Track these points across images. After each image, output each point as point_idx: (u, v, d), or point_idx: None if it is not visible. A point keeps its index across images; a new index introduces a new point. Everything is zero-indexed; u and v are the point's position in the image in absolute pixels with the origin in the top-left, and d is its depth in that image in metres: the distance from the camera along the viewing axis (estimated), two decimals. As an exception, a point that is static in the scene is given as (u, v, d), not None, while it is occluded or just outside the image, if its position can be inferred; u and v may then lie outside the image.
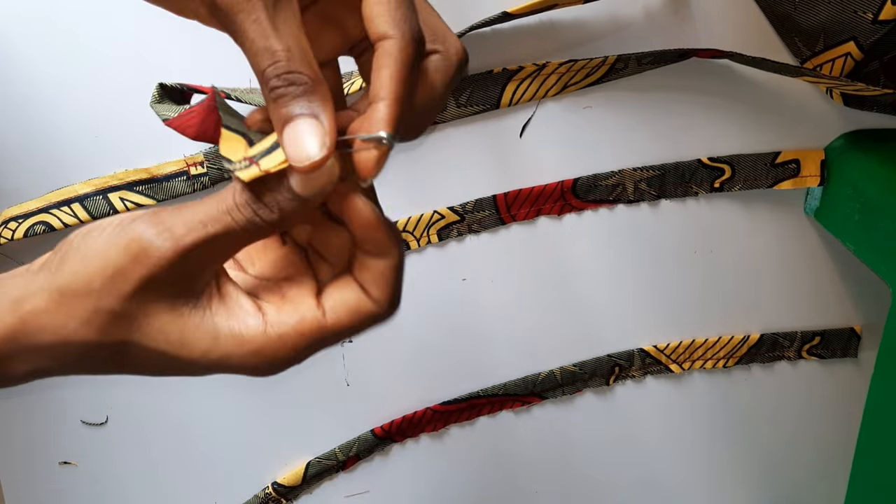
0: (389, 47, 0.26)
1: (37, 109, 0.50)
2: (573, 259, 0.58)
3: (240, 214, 0.26)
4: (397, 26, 0.27)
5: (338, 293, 0.29)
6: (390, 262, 0.29)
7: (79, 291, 0.26)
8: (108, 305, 0.26)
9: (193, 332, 0.27)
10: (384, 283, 0.29)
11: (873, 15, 0.46)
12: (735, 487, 0.67)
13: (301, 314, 0.28)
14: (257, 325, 0.27)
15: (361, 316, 0.29)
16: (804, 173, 0.55)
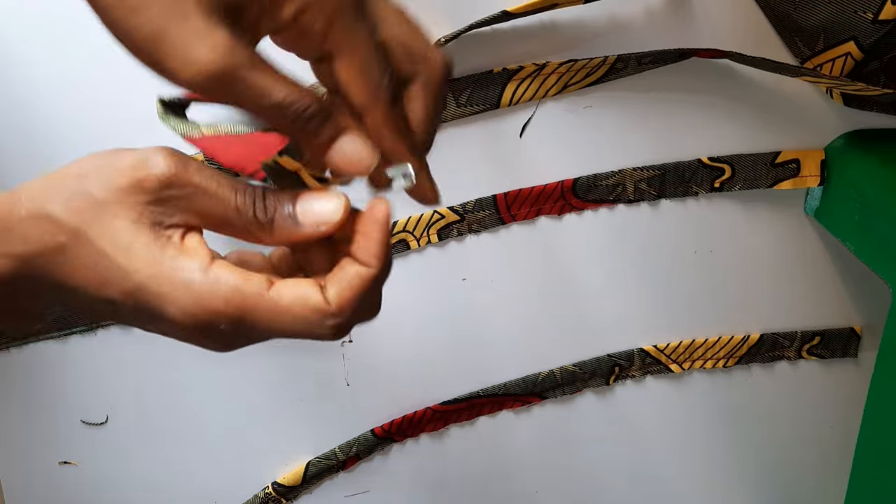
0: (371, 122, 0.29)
1: (37, 109, 0.50)
2: (573, 259, 0.58)
3: (241, 199, 0.27)
4: (371, 98, 0.28)
5: (291, 281, 0.28)
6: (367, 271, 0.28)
7: (75, 173, 0.27)
8: (92, 190, 0.26)
9: (141, 245, 0.26)
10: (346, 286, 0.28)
11: (873, 15, 0.46)
12: (735, 487, 0.67)
13: (245, 276, 0.27)
14: (196, 266, 0.27)
15: (304, 306, 0.27)
16: (804, 173, 0.55)
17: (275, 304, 0.27)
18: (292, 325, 0.27)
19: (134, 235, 0.26)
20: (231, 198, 0.27)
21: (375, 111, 0.29)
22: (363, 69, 0.28)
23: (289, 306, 0.27)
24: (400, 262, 0.57)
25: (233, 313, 0.26)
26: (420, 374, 0.60)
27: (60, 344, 0.56)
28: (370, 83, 0.28)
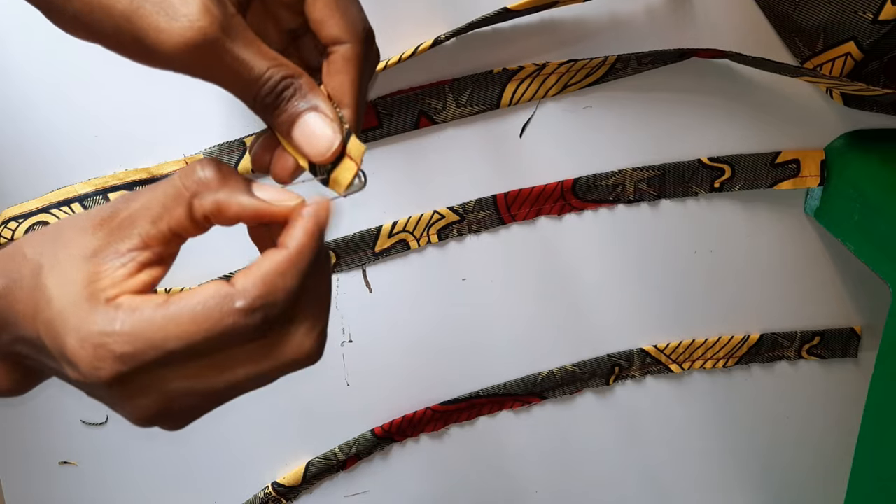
0: (346, 53, 0.27)
1: (37, 109, 0.50)
2: (573, 259, 0.58)
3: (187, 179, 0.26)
4: (351, 30, 0.27)
5: (200, 286, 0.26)
6: (282, 253, 0.25)
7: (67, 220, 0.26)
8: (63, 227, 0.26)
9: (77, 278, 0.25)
10: (255, 269, 0.25)
11: (873, 15, 0.46)
12: (735, 487, 0.67)
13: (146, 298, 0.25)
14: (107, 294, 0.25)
15: (203, 297, 0.24)
16: (804, 173, 0.55)
17: (171, 316, 0.24)
18: (197, 332, 0.24)
19: (75, 270, 0.25)
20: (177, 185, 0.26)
21: (349, 42, 0.27)
22: (344, 4, 0.27)
23: (186, 310, 0.24)
24: (400, 262, 0.57)
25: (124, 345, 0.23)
26: (420, 374, 0.60)
27: (60, 344, 0.56)
28: (349, 11, 0.27)
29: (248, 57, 0.25)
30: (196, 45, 0.24)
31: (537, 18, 0.51)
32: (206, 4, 0.24)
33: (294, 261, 0.25)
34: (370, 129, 0.53)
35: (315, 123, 0.26)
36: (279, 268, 0.25)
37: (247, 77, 0.25)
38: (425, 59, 0.52)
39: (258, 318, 0.25)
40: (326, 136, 0.27)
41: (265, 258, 0.25)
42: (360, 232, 0.55)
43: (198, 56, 0.24)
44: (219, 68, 0.25)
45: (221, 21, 0.24)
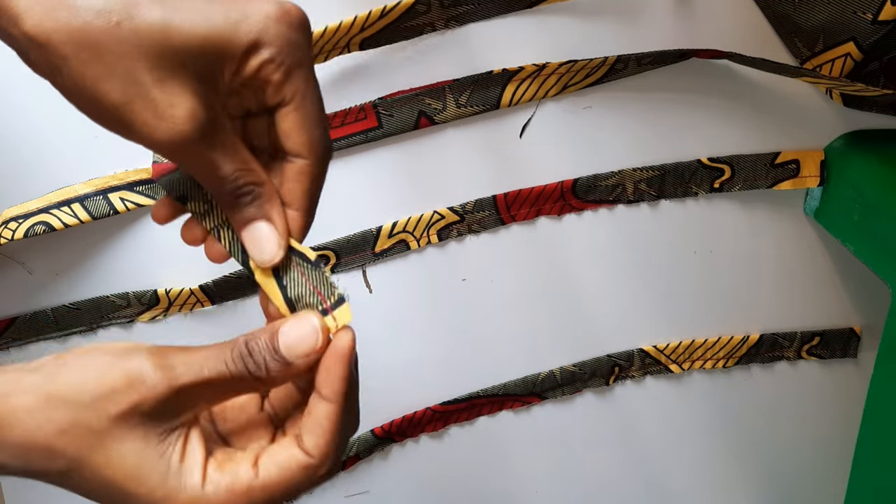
0: (303, 167, 0.29)
1: (37, 109, 0.50)
2: (573, 259, 0.58)
3: (234, 366, 0.28)
4: (312, 149, 0.29)
5: (273, 450, 0.29)
6: (331, 408, 0.29)
7: (67, 400, 0.26)
8: (89, 420, 0.26)
9: (149, 466, 0.27)
10: (320, 432, 0.29)
11: (873, 15, 0.46)
12: (735, 487, 0.67)
13: (234, 474, 0.28)
14: (196, 479, 0.27)
15: (292, 471, 0.28)
16: (804, 173, 0.55)
17: (267, 486, 0.28)
18: (290, 492, 0.28)
19: (139, 459, 0.27)
20: (224, 371, 0.28)
21: (309, 160, 0.29)
22: (308, 118, 0.29)
23: (279, 480, 0.28)
24: (400, 262, 0.57)
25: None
26: (420, 374, 0.60)
27: (60, 344, 0.56)
28: (313, 133, 0.29)
29: (220, 159, 0.27)
30: (176, 144, 0.26)
31: (537, 19, 0.51)
32: (194, 109, 0.26)
33: (343, 410, 0.29)
34: (370, 130, 0.53)
35: (263, 233, 0.29)
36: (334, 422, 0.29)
37: (215, 175, 0.28)
38: (425, 59, 0.52)
39: (332, 473, 0.29)
40: (271, 247, 0.29)
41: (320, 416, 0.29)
42: (360, 232, 0.55)
43: (177, 152, 0.26)
44: (193, 163, 0.27)
45: (203, 126, 0.26)
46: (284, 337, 0.29)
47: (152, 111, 0.25)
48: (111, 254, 0.54)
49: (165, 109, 0.25)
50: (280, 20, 0.27)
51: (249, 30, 0.27)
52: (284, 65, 0.27)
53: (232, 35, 0.26)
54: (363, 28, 0.49)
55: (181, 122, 0.26)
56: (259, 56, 0.27)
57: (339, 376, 0.29)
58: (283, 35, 0.27)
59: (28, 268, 0.54)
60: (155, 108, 0.25)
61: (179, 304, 0.55)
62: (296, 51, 0.28)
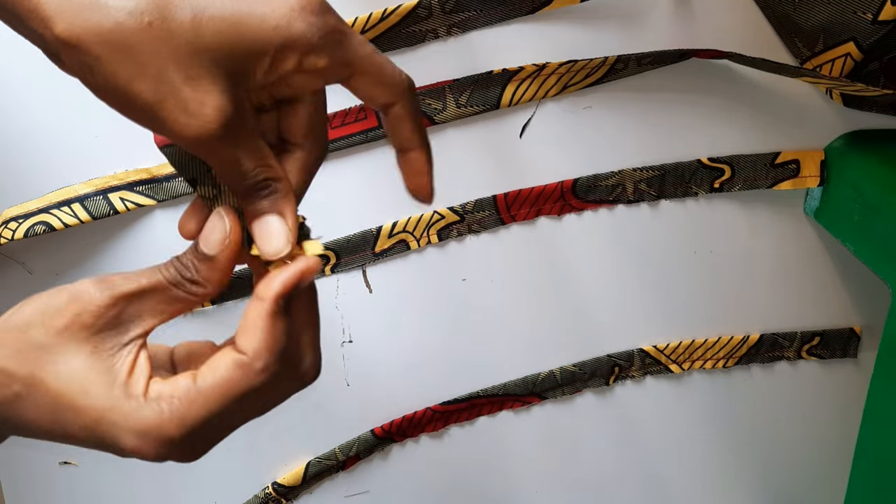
0: (398, 111, 0.30)
1: (37, 109, 0.50)
2: (573, 259, 0.58)
3: (167, 272, 0.29)
4: (396, 88, 0.30)
5: (211, 359, 0.29)
6: (264, 306, 0.28)
7: (17, 326, 0.28)
8: (37, 338, 0.27)
9: (95, 378, 0.27)
10: (251, 328, 0.28)
11: (873, 15, 0.46)
12: (735, 487, 0.67)
13: (174, 383, 0.28)
14: (140, 390, 0.28)
15: (227, 371, 0.28)
16: (804, 173, 0.55)
17: (203, 389, 0.28)
18: (229, 394, 0.28)
19: (87, 371, 0.27)
20: (159, 278, 0.29)
21: (401, 101, 0.30)
22: (381, 79, 0.30)
23: (214, 383, 0.28)
24: (400, 262, 0.57)
25: (178, 428, 0.27)
26: (420, 374, 0.60)
27: (60, 344, 0.56)
28: (392, 86, 0.30)
29: (242, 155, 0.28)
30: (203, 141, 0.27)
31: (537, 19, 0.51)
32: (223, 107, 0.27)
33: (275, 307, 0.28)
34: (370, 130, 0.53)
35: (274, 227, 0.30)
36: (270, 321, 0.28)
37: (237, 171, 0.28)
38: (425, 59, 0.52)
39: (274, 368, 0.29)
40: (279, 241, 0.30)
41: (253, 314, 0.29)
42: (360, 232, 0.55)
43: (203, 147, 0.27)
44: (217, 159, 0.28)
45: (230, 123, 0.27)
46: (202, 235, 0.30)
47: (183, 109, 0.26)
48: (111, 254, 0.54)
49: (196, 108, 0.26)
50: (304, 9, 0.27)
51: (277, 26, 0.27)
52: (326, 50, 0.28)
53: (261, 33, 0.27)
54: (363, 31, 0.49)
55: (210, 121, 0.26)
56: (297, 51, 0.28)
57: (272, 275, 0.29)
58: (312, 23, 0.27)
59: (28, 268, 0.54)
60: (186, 106, 0.26)
61: (179, 304, 0.55)
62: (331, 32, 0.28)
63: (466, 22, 0.50)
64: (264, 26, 0.27)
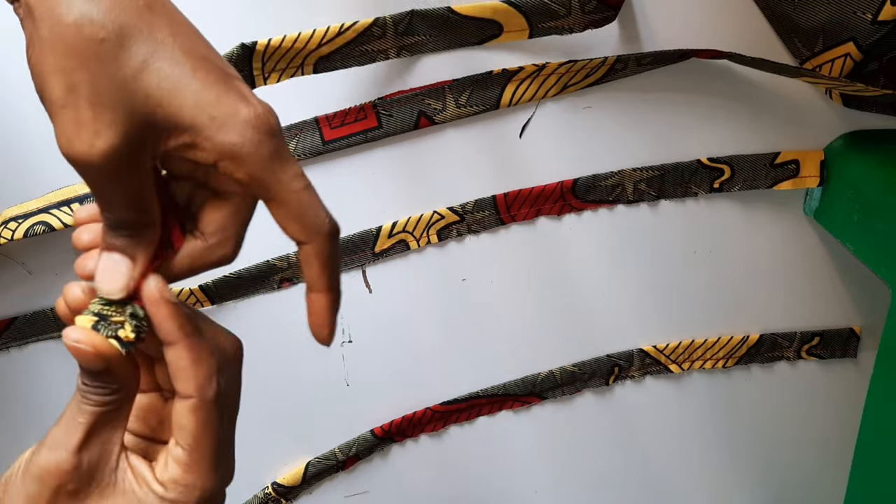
0: (310, 251, 0.29)
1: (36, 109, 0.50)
2: (573, 259, 0.58)
3: (83, 398, 0.30)
4: (311, 233, 0.29)
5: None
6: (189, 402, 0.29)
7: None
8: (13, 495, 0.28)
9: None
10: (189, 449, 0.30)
11: (873, 15, 0.46)
12: (735, 487, 0.67)
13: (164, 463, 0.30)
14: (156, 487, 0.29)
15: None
16: (804, 174, 0.55)
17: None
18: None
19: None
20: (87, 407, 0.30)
21: (315, 244, 0.29)
22: (297, 208, 0.29)
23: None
24: (400, 262, 0.57)
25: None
26: (420, 374, 0.60)
27: (60, 344, 0.56)
28: (306, 219, 0.29)
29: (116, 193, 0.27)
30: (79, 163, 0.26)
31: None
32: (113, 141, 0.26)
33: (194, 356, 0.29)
34: (370, 130, 0.53)
35: (120, 268, 0.29)
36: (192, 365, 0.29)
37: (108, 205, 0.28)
38: (424, 60, 0.52)
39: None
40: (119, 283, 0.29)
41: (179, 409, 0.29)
42: (360, 232, 0.55)
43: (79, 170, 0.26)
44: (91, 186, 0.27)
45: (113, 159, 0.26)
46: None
47: (76, 124, 0.26)
48: (111, 254, 0.54)
49: (87, 129, 0.26)
50: (247, 123, 0.27)
51: (213, 118, 0.27)
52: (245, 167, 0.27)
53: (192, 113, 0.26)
54: (320, 44, 0.49)
55: (94, 147, 0.26)
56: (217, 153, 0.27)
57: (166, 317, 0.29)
58: (248, 139, 0.27)
59: (28, 268, 0.54)
60: (80, 122, 0.26)
61: (179, 304, 0.55)
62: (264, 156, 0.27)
63: (416, 46, 0.50)
64: (200, 111, 0.26)
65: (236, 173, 0.27)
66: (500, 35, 0.50)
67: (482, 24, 0.50)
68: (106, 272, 0.29)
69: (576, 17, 0.49)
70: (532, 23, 0.50)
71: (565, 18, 0.49)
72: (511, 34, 0.50)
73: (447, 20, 0.49)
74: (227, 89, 0.27)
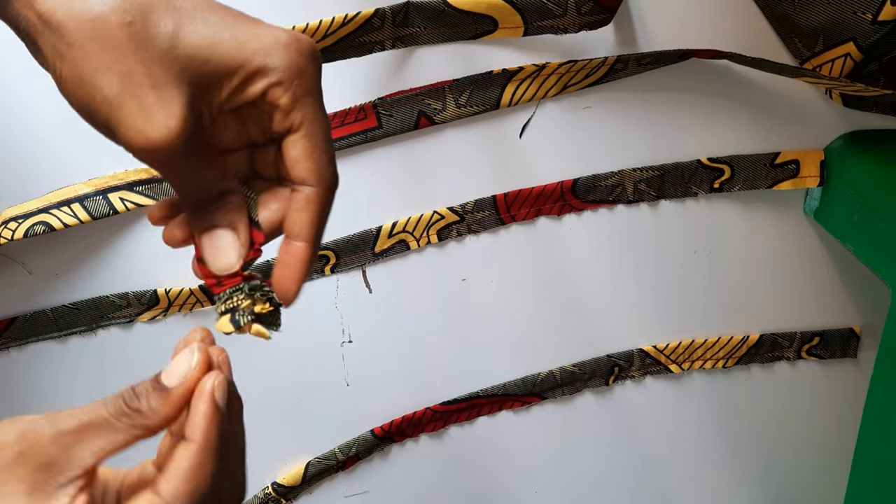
0: (311, 195, 0.29)
1: (37, 109, 0.50)
2: (573, 259, 0.58)
3: (112, 406, 0.28)
4: (320, 177, 0.29)
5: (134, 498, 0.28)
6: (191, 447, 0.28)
7: None
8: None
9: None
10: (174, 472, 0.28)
11: (873, 15, 0.46)
12: (735, 487, 0.67)
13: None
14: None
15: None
16: (804, 174, 0.55)
17: None
18: None
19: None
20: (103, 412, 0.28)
21: (318, 188, 0.29)
22: (318, 146, 0.29)
23: None
24: (400, 262, 0.57)
25: None
26: (420, 375, 0.60)
27: (60, 344, 0.56)
28: (321, 161, 0.29)
29: (201, 167, 0.28)
30: (159, 148, 0.26)
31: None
32: (183, 115, 0.26)
33: (203, 449, 0.28)
34: (370, 130, 0.53)
35: (225, 241, 0.29)
36: (194, 462, 0.27)
37: (193, 182, 0.28)
38: (424, 60, 0.52)
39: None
40: (231, 256, 0.29)
41: (179, 456, 0.28)
42: (360, 232, 0.55)
43: (158, 156, 0.26)
44: (172, 171, 0.28)
45: (189, 133, 0.26)
46: (166, 368, 0.29)
47: (143, 112, 0.26)
48: (111, 254, 0.54)
49: (157, 113, 0.26)
50: (289, 47, 0.27)
51: (256, 51, 0.27)
52: (292, 90, 0.28)
53: (237, 53, 0.27)
54: (325, 35, 0.49)
55: (171, 128, 0.26)
56: (266, 79, 0.27)
57: (202, 414, 0.28)
58: (293, 61, 0.27)
59: (28, 268, 0.54)
60: (147, 109, 0.26)
61: (179, 304, 0.55)
62: (305, 78, 0.28)
63: (411, 38, 0.50)
64: (244, 49, 0.27)
65: (281, 98, 0.28)
66: (495, 31, 0.50)
67: (477, 18, 0.50)
68: (215, 251, 0.29)
69: (571, 18, 0.50)
70: (527, 20, 0.50)
71: (561, 18, 0.50)
72: (506, 31, 0.50)
73: (443, 13, 0.49)
74: (260, 24, 0.28)
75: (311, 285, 0.56)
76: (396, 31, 0.50)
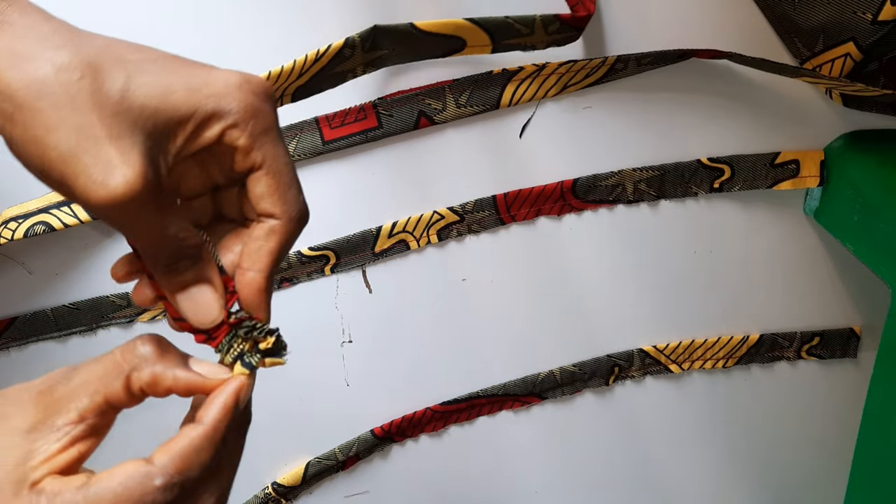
0: (275, 227, 0.29)
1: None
2: (573, 259, 0.58)
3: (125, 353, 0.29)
4: (286, 210, 0.29)
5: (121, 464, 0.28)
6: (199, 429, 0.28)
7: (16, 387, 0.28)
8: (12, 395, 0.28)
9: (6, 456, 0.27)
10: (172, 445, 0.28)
11: (873, 15, 0.46)
12: (735, 487, 0.67)
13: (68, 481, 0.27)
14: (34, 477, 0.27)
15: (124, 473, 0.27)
16: (804, 174, 0.55)
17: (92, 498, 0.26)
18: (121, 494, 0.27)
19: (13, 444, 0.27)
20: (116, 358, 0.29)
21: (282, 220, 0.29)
22: (282, 182, 0.29)
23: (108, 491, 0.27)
24: (400, 262, 0.57)
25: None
26: (420, 375, 0.60)
27: (60, 344, 0.56)
28: (287, 195, 0.29)
29: (165, 219, 0.27)
30: (122, 200, 0.25)
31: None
32: (143, 163, 0.26)
33: (209, 436, 0.28)
34: (370, 130, 0.53)
35: (203, 296, 0.29)
36: (195, 443, 0.28)
37: (160, 236, 0.28)
38: (424, 60, 0.52)
39: (176, 492, 0.28)
40: (213, 310, 0.29)
41: (183, 434, 0.28)
42: (360, 232, 0.55)
43: (121, 209, 0.26)
44: (135, 225, 0.27)
45: (150, 181, 0.26)
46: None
47: (102, 163, 0.25)
48: (111, 254, 0.54)
49: (115, 162, 0.25)
50: (241, 88, 0.27)
51: (209, 96, 0.27)
52: (248, 130, 0.28)
53: (189, 100, 0.27)
54: (301, 73, 0.49)
55: (130, 177, 0.25)
56: (222, 122, 0.27)
57: (220, 403, 0.29)
58: (247, 102, 0.28)
59: (28, 268, 0.54)
60: (105, 160, 0.25)
61: (179, 304, 0.55)
62: (260, 117, 0.28)
63: (381, 60, 0.50)
64: (195, 95, 0.27)
65: (239, 139, 0.28)
66: (464, 49, 0.50)
67: (445, 39, 0.49)
68: (195, 307, 0.29)
69: (539, 36, 0.50)
70: (495, 39, 0.50)
71: (528, 37, 0.50)
72: (474, 49, 0.50)
73: (410, 35, 0.49)
74: (212, 70, 0.28)
75: (312, 285, 0.56)
76: (367, 56, 0.50)
